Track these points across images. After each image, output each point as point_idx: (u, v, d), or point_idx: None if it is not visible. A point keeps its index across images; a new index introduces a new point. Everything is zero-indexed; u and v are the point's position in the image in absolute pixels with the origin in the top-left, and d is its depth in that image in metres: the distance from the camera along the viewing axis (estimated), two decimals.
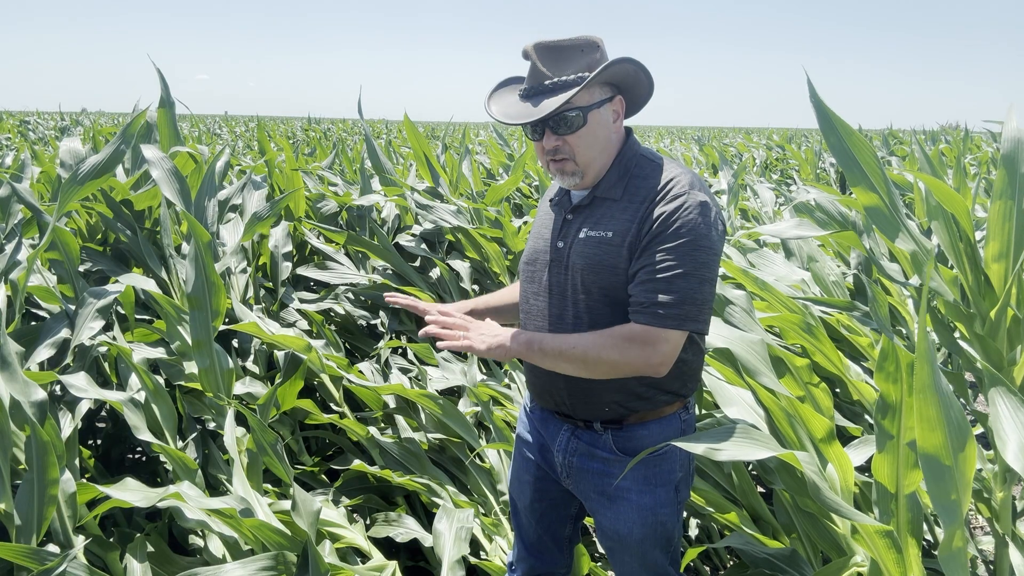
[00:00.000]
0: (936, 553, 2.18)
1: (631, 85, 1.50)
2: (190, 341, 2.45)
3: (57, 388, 2.27)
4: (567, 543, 1.80)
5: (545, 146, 1.45)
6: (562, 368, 1.43)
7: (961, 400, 1.98)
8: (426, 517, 2.50)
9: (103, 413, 2.94)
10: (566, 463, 1.59)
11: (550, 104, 1.39)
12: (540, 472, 1.69)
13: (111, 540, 2.06)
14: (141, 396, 2.22)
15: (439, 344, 1.40)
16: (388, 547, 2.35)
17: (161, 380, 2.40)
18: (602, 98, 1.45)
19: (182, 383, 2.54)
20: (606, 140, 1.47)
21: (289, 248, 3.70)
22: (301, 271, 3.77)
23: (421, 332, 1.49)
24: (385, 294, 1.76)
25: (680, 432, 1.56)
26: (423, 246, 3.98)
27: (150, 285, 2.61)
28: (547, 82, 1.41)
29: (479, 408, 2.66)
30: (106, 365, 2.58)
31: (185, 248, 2.86)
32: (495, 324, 1.49)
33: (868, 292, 2.99)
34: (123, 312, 2.67)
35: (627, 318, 1.43)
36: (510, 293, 1.81)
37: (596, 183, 1.49)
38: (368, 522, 2.42)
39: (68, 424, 2.14)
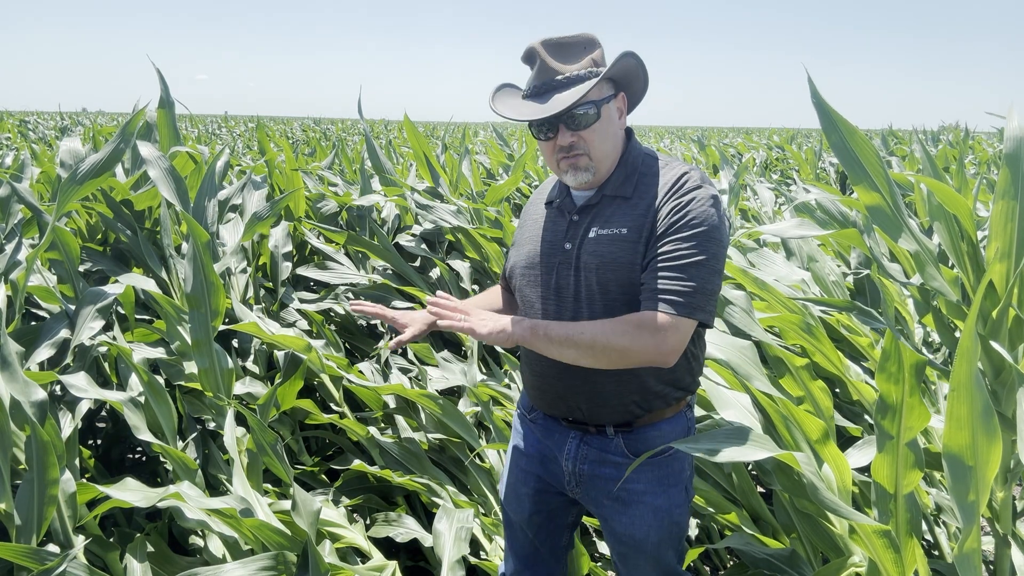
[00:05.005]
0: (935, 553, 2.19)
1: (630, 82, 1.50)
2: (190, 341, 2.44)
3: (57, 388, 2.27)
4: (563, 551, 1.78)
5: (560, 143, 1.42)
6: (567, 355, 1.38)
7: None
8: (426, 517, 2.50)
9: (103, 413, 2.95)
10: (576, 471, 1.55)
11: (567, 98, 1.37)
12: (540, 484, 1.65)
13: (111, 540, 2.05)
14: (141, 396, 2.22)
15: (440, 322, 1.36)
16: (388, 547, 2.35)
17: (161, 380, 2.39)
18: (609, 94, 1.45)
19: (182, 383, 2.54)
20: (615, 136, 1.47)
21: (289, 248, 3.70)
22: (301, 271, 3.77)
23: (428, 299, 1.43)
24: (350, 303, 1.68)
25: (686, 431, 1.56)
26: (423, 246, 3.98)
27: (150, 285, 2.61)
28: (558, 77, 1.40)
29: (479, 408, 2.66)
30: (106, 365, 2.58)
31: (185, 248, 2.86)
32: (494, 312, 1.45)
33: (879, 293, 2.98)
34: (123, 312, 2.67)
35: None
36: (490, 298, 1.77)
37: (604, 182, 1.48)
38: (368, 522, 2.42)
39: (68, 424, 2.13)
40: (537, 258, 1.53)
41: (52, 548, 1.79)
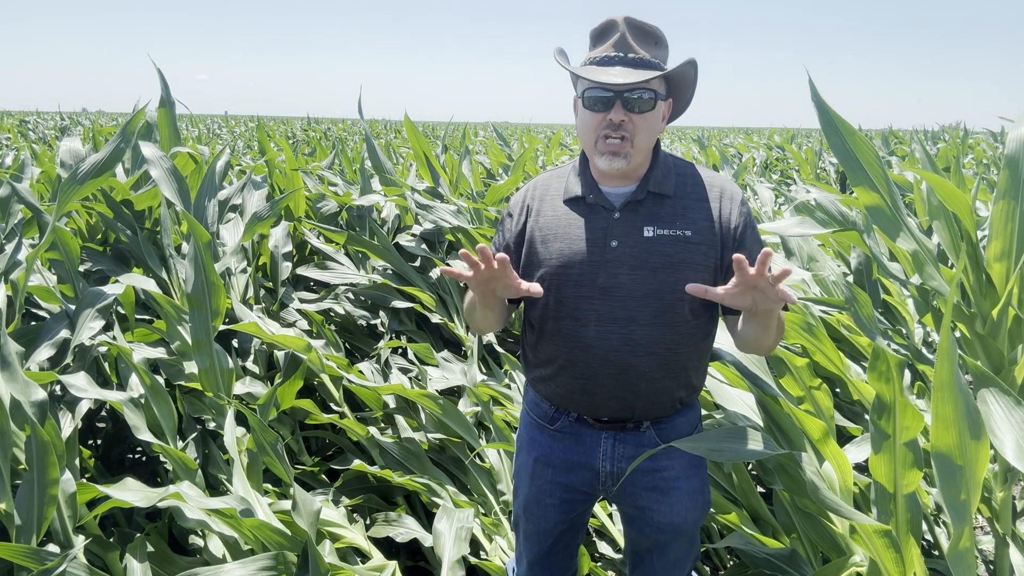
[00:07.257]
0: (935, 553, 2.19)
1: (679, 93, 1.52)
2: (190, 341, 2.44)
3: (57, 388, 2.27)
4: (577, 548, 1.81)
5: (613, 119, 1.41)
6: (765, 337, 1.44)
7: None
8: (426, 517, 2.50)
9: (103, 413, 2.94)
10: (615, 470, 1.56)
11: (637, 75, 1.39)
12: (568, 493, 1.63)
13: (111, 540, 2.05)
14: (141, 396, 2.22)
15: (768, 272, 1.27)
16: (388, 547, 2.35)
17: (161, 380, 2.39)
18: (664, 93, 1.47)
19: (182, 383, 2.54)
20: (656, 135, 1.48)
21: (289, 248, 3.70)
22: (301, 271, 3.77)
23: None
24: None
25: (699, 413, 1.66)
26: (423, 246, 3.98)
27: (150, 285, 2.61)
28: (631, 55, 1.42)
29: (479, 408, 2.66)
30: (106, 365, 2.58)
31: (185, 248, 2.86)
32: None
33: (879, 292, 2.99)
34: (123, 312, 2.67)
35: (698, 313, 1.47)
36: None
37: (643, 178, 1.49)
38: (368, 522, 2.42)
39: (68, 424, 2.13)
40: (578, 256, 1.47)
41: (52, 548, 1.79)
